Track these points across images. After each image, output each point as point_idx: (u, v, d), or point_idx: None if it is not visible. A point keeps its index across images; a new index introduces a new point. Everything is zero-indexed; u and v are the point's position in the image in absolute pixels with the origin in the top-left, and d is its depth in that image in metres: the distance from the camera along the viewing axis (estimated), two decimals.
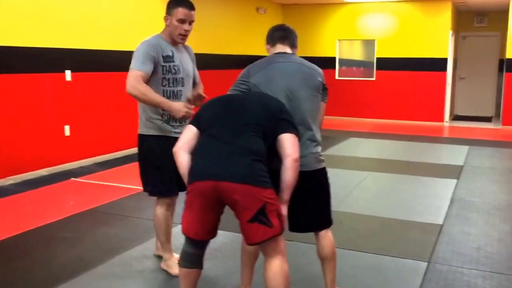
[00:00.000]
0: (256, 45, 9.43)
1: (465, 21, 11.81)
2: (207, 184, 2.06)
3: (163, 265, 3.06)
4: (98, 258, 3.23)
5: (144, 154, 2.95)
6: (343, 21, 10.79)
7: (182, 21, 2.82)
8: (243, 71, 2.52)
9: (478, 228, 3.95)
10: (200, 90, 3.11)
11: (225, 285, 2.85)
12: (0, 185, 5.10)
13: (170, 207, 2.99)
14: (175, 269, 2.92)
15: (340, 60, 10.96)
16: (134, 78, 2.74)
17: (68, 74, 5.92)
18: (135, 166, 3.19)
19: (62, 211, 4.21)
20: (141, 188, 3.09)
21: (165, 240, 3.00)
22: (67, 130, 5.95)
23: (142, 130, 2.93)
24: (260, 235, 2.08)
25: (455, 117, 11.71)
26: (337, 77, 10.97)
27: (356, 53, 10.95)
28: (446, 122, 10.45)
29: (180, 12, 2.81)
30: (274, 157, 2.25)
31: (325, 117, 10.43)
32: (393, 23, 10.40)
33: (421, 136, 8.66)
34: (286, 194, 2.22)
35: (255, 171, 2.06)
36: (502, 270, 3.16)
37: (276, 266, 2.13)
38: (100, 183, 5.30)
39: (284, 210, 2.22)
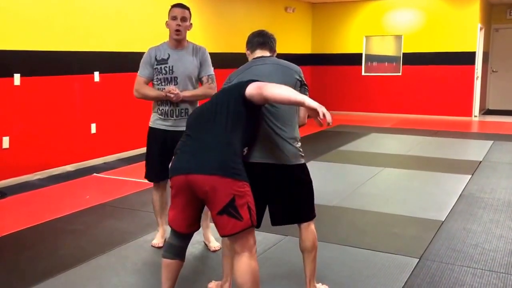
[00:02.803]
0: (285, 44, 9.51)
1: (497, 14, 11.52)
2: (180, 178, 2.19)
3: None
4: (98, 249, 3.40)
5: (146, 143, 3.46)
6: (370, 17, 10.77)
7: (174, 17, 3.27)
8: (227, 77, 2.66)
9: (480, 225, 3.92)
10: (189, 91, 3.32)
11: (209, 278, 2.93)
12: (27, 179, 5.40)
13: (158, 191, 3.46)
14: (154, 240, 3.47)
15: (366, 55, 10.90)
16: (136, 84, 3.35)
17: (96, 75, 6.21)
18: None
19: (77, 205, 4.42)
20: None
21: (157, 215, 3.51)
22: (93, 127, 6.23)
23: (149, 122, 3.44)
24: (230, 227, 2.15)
25: (487, 111, 11.43)
26: (363, 73, 10.92)
27: (382, 48, 10.85)
28: (475, 116, 10.22)
29: (173, 10, 3.30)
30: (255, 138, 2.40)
31: (350, 113, 10.40)
32: (420, 18, 10.30)
33: (446, 131, 8.52)
34: (294, 102, 2.22)
35: (225, 163, 2.14)
36: (495, 267, 3.14)
37: (243, 263, 2.18)
38: (119, 178, 5.53)
39: (308, 101, 2.16)
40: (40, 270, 3.11)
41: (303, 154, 2.60)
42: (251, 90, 2.25)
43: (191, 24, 3.35)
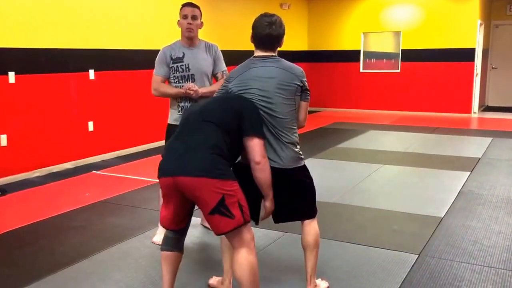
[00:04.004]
0: None
1: (497, 10, 11.51)
2: (168, 180, 2.21)
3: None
4: (100, 246, 3.43)
5: (165, 139, 3.50)
6: (368, 13, 10.73)
7: (185, 16, 3.39)
8: (228, 75, 2.64)
9: (480, 221, 3.93)
10: (206, 87, 3.46)
11: (209, 273, 2.95)
12: (27, 177, 5.43)
13: None
14: (155, 238, 3.49)
15: (364, 52, 10.89)
16: (154, 83, 3.43)
17: (91, 73, 6.21)
18: (153, 160, 3.54)
19: (77, 202, 4.45)
20: (154, 180, 3.55)
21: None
22: (90, 125, 6.24)
23: (168, 119, 3.53)
24: (222, 226, 2.18)
25: (486, 108, 11.44)
26: (361, 70, 10.92)
27: (380, 45, 10.84)
28: (475, 113, 10.24)
29: (183, 9, 3.41)
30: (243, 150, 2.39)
31: (348, 110, 10.36)
32: (419, 14, 10.26)
33: (444, 128, 8.53)
34: (264, 191, 2.40)
35: (211, 164, 2.15)
36: (493, 263, 3.15)
37: (241, 257, 2.22)
38: (118, 175, 5.54)
39: (267, 204, 2.42)
40: (42, 266, 3.14)
41: (302, 157, 2.62)
42: (252, 150, 2.30)
43: (202, 22, 3.46)
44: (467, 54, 9.92)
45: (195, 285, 2.87)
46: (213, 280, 2.83)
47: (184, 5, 3.42)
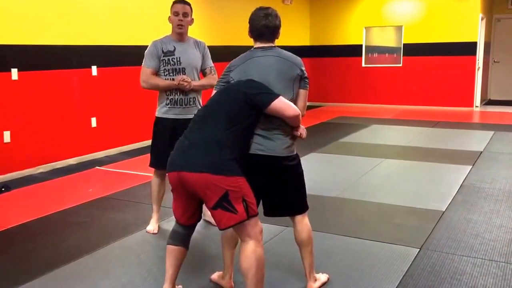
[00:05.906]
0: (282, 37, 9.37)
1: (499, 3, 11.49)
2: (173, 175, 2.25)
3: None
4: (102, 241, 3.45)
5: (153, 132, 3.60)
6: (370, 8, 10.72)
7: (176, 13, 3.45)
8: (228, 64, 2.64)
9: (481, 215, 3.94)
10: (196, 81, 3.56)
11: (212, 269, 2.96)
12: (30, 173, 5.45)
13: (158, 178, 3.62)
14: (149, 227, 3.62)
15: (366, 47, 10.88)
16: (144, 75, 3.49)
17: (94, 70, 6.23)
18: None
19: (80, 198, 4.47)
20: None
21: (153, 201, 3.67)
22: (93, 121, 6.27)
23: (156, 112, 3.59)
24: (225, 221, 2.20)
25: (488, 102, 11.43)
26: (363, 65, 10.91)
27: (382, 39, 10.82)
28: (477, 107, 10.23)
29: (174, 6, 3.47)
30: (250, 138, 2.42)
31: (351, 104, 10.34)
32: (420, 8, 10.25)
33: (446, 122, 8.53)
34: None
35: (214, 160, 2.17)
36: (494, 257, 3.16)
37: (247, 250, 2.24)
38: (121, 171, 5.56)
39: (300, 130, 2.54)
40: (46, 261, 3.16)
41: (294, 146, 2.60)
42: (283, 110, 2.37)
43: (192, 19, 3.52)
44: (468, 48, 9.90)
45: (195, 280, 2.88)
46: (215, 275, 2.85)
47: (175, 2, 3.48)
